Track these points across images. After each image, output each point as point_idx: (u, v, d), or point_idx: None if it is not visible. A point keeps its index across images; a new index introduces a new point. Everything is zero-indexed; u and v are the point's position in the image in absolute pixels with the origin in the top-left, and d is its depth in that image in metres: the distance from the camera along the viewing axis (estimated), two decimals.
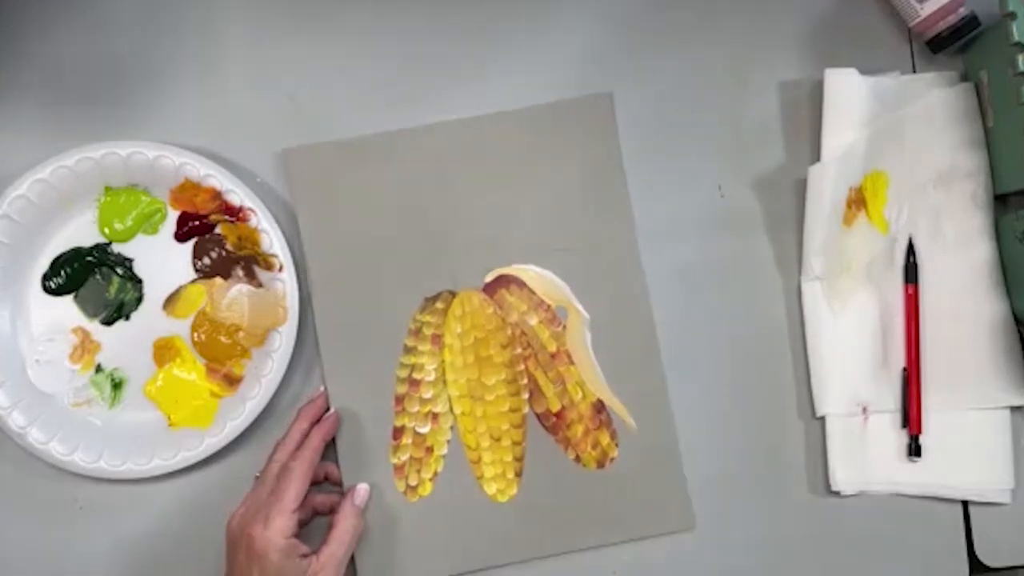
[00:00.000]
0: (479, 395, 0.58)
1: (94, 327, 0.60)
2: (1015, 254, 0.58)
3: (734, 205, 0.61)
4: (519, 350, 0.59)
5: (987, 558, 0.59)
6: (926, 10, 0.60)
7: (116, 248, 0.60)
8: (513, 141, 0.60)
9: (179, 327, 0.60)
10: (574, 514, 0.58)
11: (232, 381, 0.59)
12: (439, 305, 0.59)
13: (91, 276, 0.60)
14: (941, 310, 0.60)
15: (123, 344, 0.60)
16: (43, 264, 0.60)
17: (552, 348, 0.58)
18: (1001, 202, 0.60)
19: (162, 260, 0.60)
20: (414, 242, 0.59)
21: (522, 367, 0.58)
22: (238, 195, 0.58)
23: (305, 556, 0.52)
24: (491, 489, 0.58)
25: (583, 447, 0.58)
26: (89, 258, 0.60)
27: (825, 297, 0.60)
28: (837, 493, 0.59)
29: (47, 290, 0.60)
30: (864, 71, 0.61)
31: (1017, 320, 0.59)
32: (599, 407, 0.58)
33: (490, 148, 0.60)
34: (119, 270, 0.60)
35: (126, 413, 0.60)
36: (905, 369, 0.60)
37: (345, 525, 0.55)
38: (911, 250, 0.60)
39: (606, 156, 0.60)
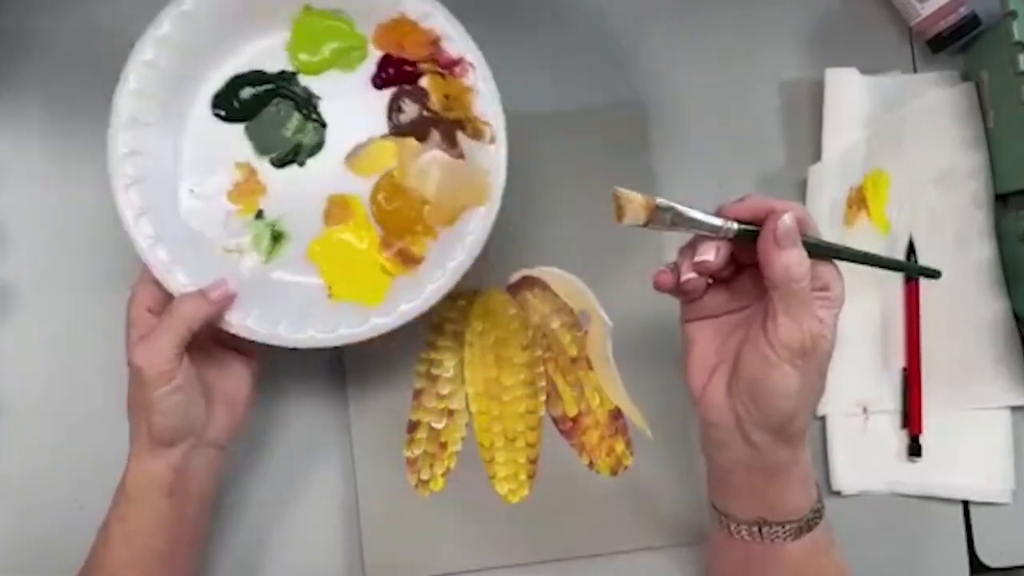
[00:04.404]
0: (496, 395, 0.58)
1: (262, 166, 0.52)
2: (1015, 254, 0.58)
3: None
4: (539, 352, 0.58)
5: (987, 558, 0.59)
6: (927, 9, 0.59)
7: (303, 80, 0.52)
8: (542, 144, 0.60)
9: (359, 186, 0.52)
10: (584, 519, 0.58)
11: (408, 260, 0.52)
12: (462, 302, 0.58)
13: (268, 107, 0.52)
14: (941, 310, 0.60)
15: (292, 193, 0.52)
16: (217, 81, 0.52)
17: (573, 352, 0.58)
18: (1001, 202, 0.60)
19: (353, 105, 0.52)
20: None
21: (541, 369, 0.58)
22: (458, 44, 0.50)
23: None
24: (503, 489, 0.58)
25: (598, 453, 0.58)
26: (271, 85, 0.52)
27: None
28: (837, 493, 0.59)
29: (217, 114, 0.52)
30: (864, 71, 0.61)
31: (1017, 320, 0.59)
32: (616, 414, 0.58)
33: (519, 150, 0.60)
34: (302, 107, 0.52)
35: (282, 272, 0.52)
36: (905, 369, 0.60)
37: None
38: (911, 250, 0.60)
39: (636, 165, 0.60)
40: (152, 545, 0.50)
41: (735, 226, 0.45)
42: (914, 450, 0.59)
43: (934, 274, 0.51)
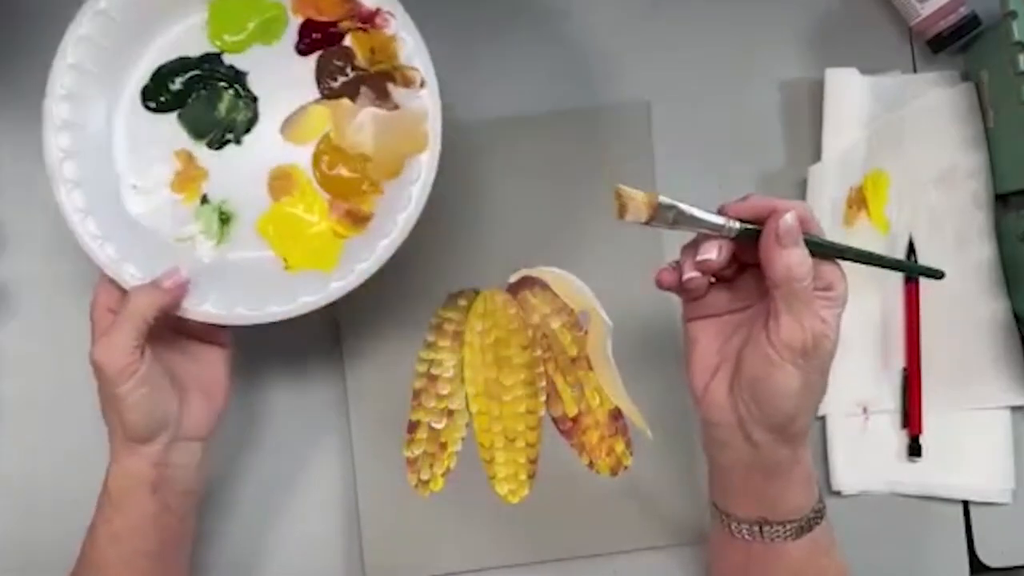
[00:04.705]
0: (496, 395, 0.58)
1: (200, 151, 0.52)
2: (1015, 254, 0.58)
3: None
4: (539, 352, 0.58)
5: (987, 558, 0.59)
6: (927, 9, 0.59)
7: (228, 60, 0.52)
8: (542, 144, 0.60)
9: (299, 155, 0.52)
10: (584, 519, 0.58)
11: (358, 219, 0.52)
12: (462, 302, 0.58)
13: (198, 91, 0.52)
14: (941, 310, 0.60)
15: (233, 172, 0.52)
16: (143, 73, 0.52)
17: (573, 352, 0.58)
18: (1001, 202, 0.60)
19: (281, 76, 0.52)
20: (441, 238, 0.59)
21: (541, 369, 0.58)
22: None
23: None
24: (503, 489, 0.58)
25: (597, 453, 0.58)
26: (197, 71, 0.52)
27: None
28: (837, 493, 0.59)
29: (148, 107, 0.52)
30: (864, 71, 0.61)
31: (1017, 320, 0.59)
32: (616, 414, 0.58)
33: (521, 150, 0.60)
34: (231, 85, 0.52)
35: (237, 252, 0.52)
36: (905, 369, 0.60)
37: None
38: (911, 250, 0.60)
39: (638, 165, 0.60)
40: (141, 544, 0.50)
41: (737, 225, 0.45)
42: (914, 450, 0.59)
43: (937, 274, 0.50)
